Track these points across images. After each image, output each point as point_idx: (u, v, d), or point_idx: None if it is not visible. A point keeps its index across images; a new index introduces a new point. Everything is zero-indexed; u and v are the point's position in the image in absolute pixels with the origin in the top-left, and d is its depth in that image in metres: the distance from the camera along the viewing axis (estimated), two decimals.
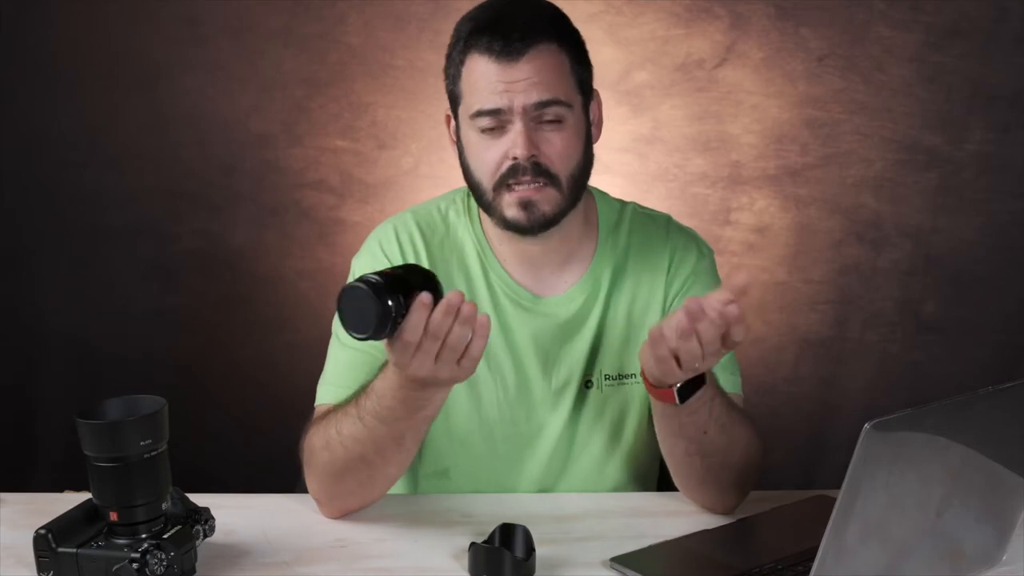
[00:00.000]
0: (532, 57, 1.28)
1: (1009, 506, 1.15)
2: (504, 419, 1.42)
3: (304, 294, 2.57)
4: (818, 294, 2.58)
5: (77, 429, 1.08)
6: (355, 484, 1.30)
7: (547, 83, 1.29)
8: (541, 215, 1.32)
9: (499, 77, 1.28)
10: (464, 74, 1.32)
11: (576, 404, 1.42)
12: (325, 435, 1.28)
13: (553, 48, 1.30)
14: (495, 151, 1.30)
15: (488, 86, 1.29)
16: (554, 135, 1.30)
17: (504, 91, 1.28)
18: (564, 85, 1.31)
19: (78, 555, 1.09)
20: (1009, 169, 2.51)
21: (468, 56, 1.31)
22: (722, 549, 1.26)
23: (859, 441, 0.92)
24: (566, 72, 1.32)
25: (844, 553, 0.97)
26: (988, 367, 2.54)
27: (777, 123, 2.51)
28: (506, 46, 1.28)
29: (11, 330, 2.57)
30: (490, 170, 1.31)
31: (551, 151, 1.30)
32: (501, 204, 1.32)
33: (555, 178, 1.31)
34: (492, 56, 1.28)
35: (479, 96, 1.30)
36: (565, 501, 1.41)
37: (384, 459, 1.27)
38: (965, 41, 2.44)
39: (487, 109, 1.29)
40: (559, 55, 1.31)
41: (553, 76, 1.30)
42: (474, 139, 1.32)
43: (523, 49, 1.28)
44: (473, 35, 1.30)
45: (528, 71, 1.28)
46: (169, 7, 2.46)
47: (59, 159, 2.52)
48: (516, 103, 1.28)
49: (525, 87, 1.28)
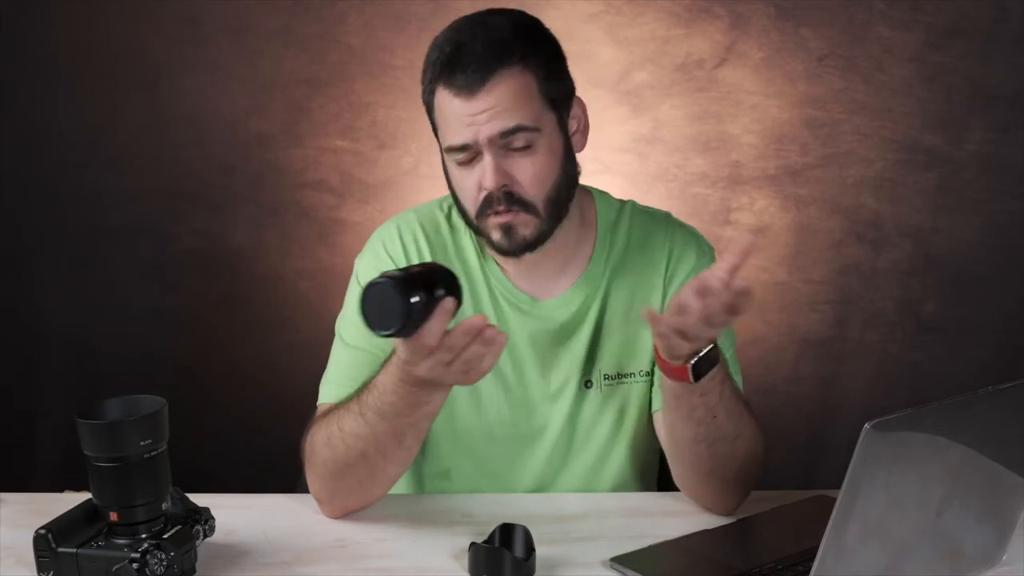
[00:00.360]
0: (492, 86, 1.27)
1: (1009, 506, 1.15)
2: (504, 420, 1.42)
3: (304, 294, 2.57)
4: (818, 294, 2.58)
5: (77, 429, 1.08)
6: (355, 483, 1.30)
7: (510, 111, 1.28)
8: (522, 239, 1.32)
9: (462, 111, 1.28)
10: (435, 107, 1.33)
11: (575, 404, 1.42)
12: (327, 432, 1.28)
13: (515, 71, 1.28)
14: (470, 181, 1.32)
15: (454, 121, 1.30)
16: (525, 160, 1.30)
17: (468, 124, 1.28)
18: (530, 108, 1.29)
19: (78, 555, 1.09)
20: (1009, 169, 2.51)
21: (436, 89, 1.32)
22: (722, 549, 1.26)
23: (859, 441, 0.92)
24: (532, 94, 1.30)
25: (844, 553, 0.97)
26: (988, 367, 2.54)
27: (777, 123, 2.51)
28: (465, 80, 1.28)
29: (11, 330, 2.57)
30: (470, 199, 1.33)
31: (523, 177, 1.30)
32: (487, 229, 1.33)
33: (529, 205, 1.31)
34: (453, 91, 1.29)
35: (448, 131, 1.31)
36: (565, 501, 1.41)
37: (385, 457, 1.27)
38: (965, 41, 2.44)
39: (456, 145, 1.30)
40: (523, 76, 1.29)
41: (516, 102, 1.28)
42: (452, 170, 1.34)
43: (482, 80, 1.27)
44: (437, 68, 1.31)
45: (489, 101, 1.27)
46: (169, 7, 2.46)
47: (59, 159, 2.52)
48: (481, 135, 1.28)
49: (488, 118, 1.28)
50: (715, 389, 1.23)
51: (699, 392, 1.23)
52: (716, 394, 1.24)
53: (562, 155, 1.34)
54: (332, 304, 1.44)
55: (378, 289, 1.09)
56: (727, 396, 1.25)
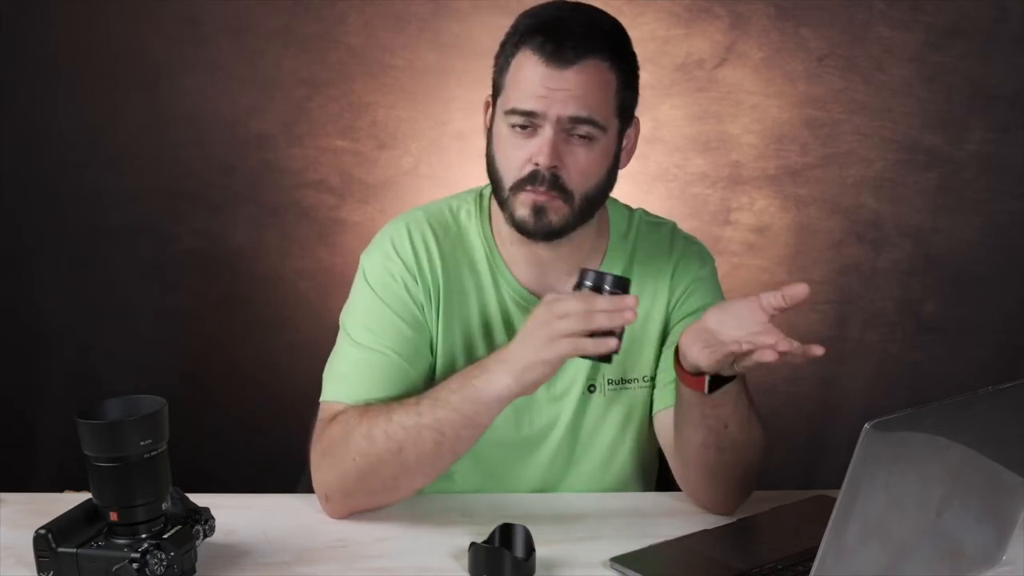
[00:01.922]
0: (580, 69, 1.27)
1: (1009, 506, 1.15)
2: (507, 422, 1.41)
3: (304, 294, 2.57)
4: (818, 294, 2.58)
5: (77, 429, 1.08)
6: (378, 483, 1.30)
7: (587, 100, 1.28)
8: (548, 223, 1.31)
9: (542, 81, 1.27)
10: (512, 67, 1.31)
11: (579, 408, 1.42)
12: (370, 423, 1.27)
13: (604, 66, 1.29)
14: (522, 151, 1.30)
15: (530, 87, 1.28)
16: (581, 150, 1.30)
17: (544, 96, 1.27)
18: (604, 106, 1.30)
19: (78, 555, 1.09)
20: (1009, 169, 2.51)
21: (519, 51, 1.30)
22: (722, 549, 1.26)
23: (859, 441, 0.92)
24: (610, 92, 1.30)
25: (844, 553, 0.97)
26: (988, 367, 2.54)
27: (777, 123, 2.51)
28: (557, 51, 1.27)
29: (11, 330, 2.57)
30: (513, 168, 1.31)
31: (574, 166, 1.30)
32: (515, 202, 1.31)
33: (569, 194, 1.30)
34: (541, 58, 1.27)
35: (518, 94, 1.29)
36: (565, 501, 1.41)
37: (418, 458, 1.26)
38: (965, 41, 2.44)
39: (522, 109, 1.28)
40: (608, 74, 1.29)
41: (595, 94, 1.29)
42: (505, 133, 1.31)
43: (573, 59, 1.27)
44: (529, 32, 1.29)
45: (572, 82, 1.27)
46: (169, 7, 2.46)
47: (59, 159, 2.52)
48: (552, 111, 1.27)
49: (564, 98, 1.27)
50: (730, 402, 1.24)
51: (712, 403, 1.23)
52: (730, 406, 1.24)
53: (611, 161, 1.34)
54: (332, 304, 1.44)
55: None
56: (741, 408, 1.26)
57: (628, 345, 1.41)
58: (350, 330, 1.38)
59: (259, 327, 2.60)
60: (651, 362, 1.42)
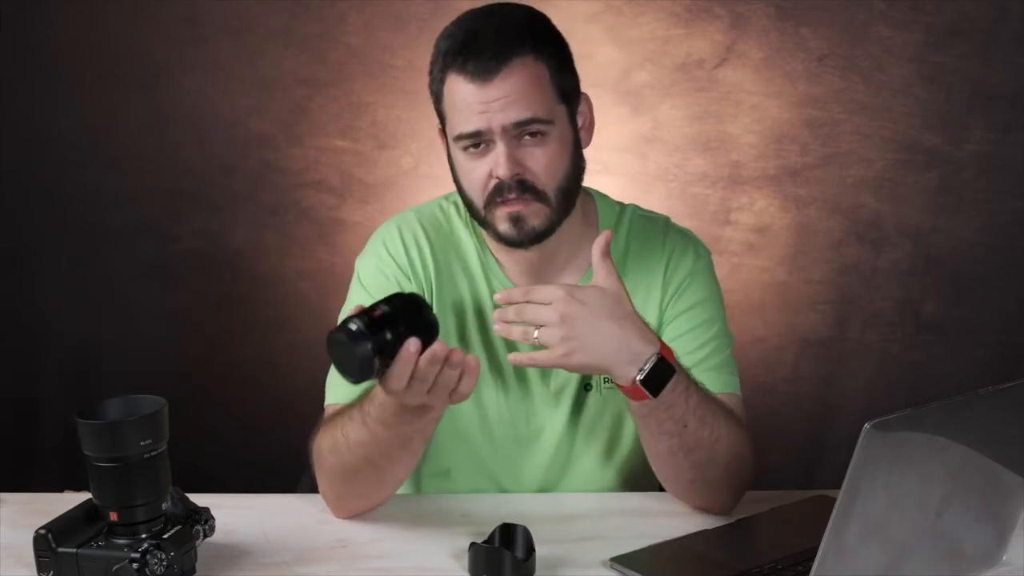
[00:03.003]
0: (507, 74, 1.27)
1: (1009, 506, 1.15)
2: (504, 420, 1.42)
3: (304, 294, 2.57)
4: (818, 294, 2.58)
5: (77, 429, 1.08)
6: (363, 487, 1.30)
7: (525, 101, 1.27)
8: (531, 229, 1.31)
9: (475, 98, 1.27)
10: (445, 95, 1.31)
11: (575, 406, 1.42)
12: (332, 439, 1.28)
13: (529, 61, 1.28)
14: (481, 170, 1.30)
15: (466, 108, 1.28)
16: (537, 150, 1.29)
17: (482, 112, 1.27)
18: (543, 100, 1.29)
19: (78, 555, 1.09)
20: (1009, 169, 2.51)
21: (447, 76, 1.30)
22: (722, 549, 1.26)
23: (859, 441, 0.92)
24: (545, 84, 1.30)
25: (844, 553, 0.97)
26: (988, 367, 2.54)
27: (777, 123, 2.51)
28: (479, 66, 1.26)
29: (11, 330, 2.57)
30: (479, 188, 1.31)
31: (536, 166, 1.29)
32: (494, 219, 1.32)
33: (541, 194, 1.30)
34: (467, 77, 1.27)
35: (459, 119, 1.29)
36: (565, 501, 1.41)
37: (391, 461, 1.27)
38: (965, 41, 2.44)
39: (467, 132, 1.29)
40: (536, 67, 1.29)
41: (531, 91, 1.28)
42: (461, 159, 1.32)
43: (497, 67, 1.26)
44: (449, 55, 1.29)
45: (504, 89, 1.26)
46: (169, 7, 2.46)
47: (59, 159, 2.52)
48: (494, 124, 1.27)
49: (502, 106, 1.27)
50: (679, 400, 1.23)
51: (664, 407, 1.23)
52: (682, 404, 1.24)
53: (572, 148, 1.34)
54: (332, 304, 1.44)
55: (336, 341, 1.09)
56: (695, 403, 1.25)
57: None
58: None
59: (259, 327, 2.60)
60: None
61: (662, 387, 1.21)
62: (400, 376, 1.10)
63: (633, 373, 1.20)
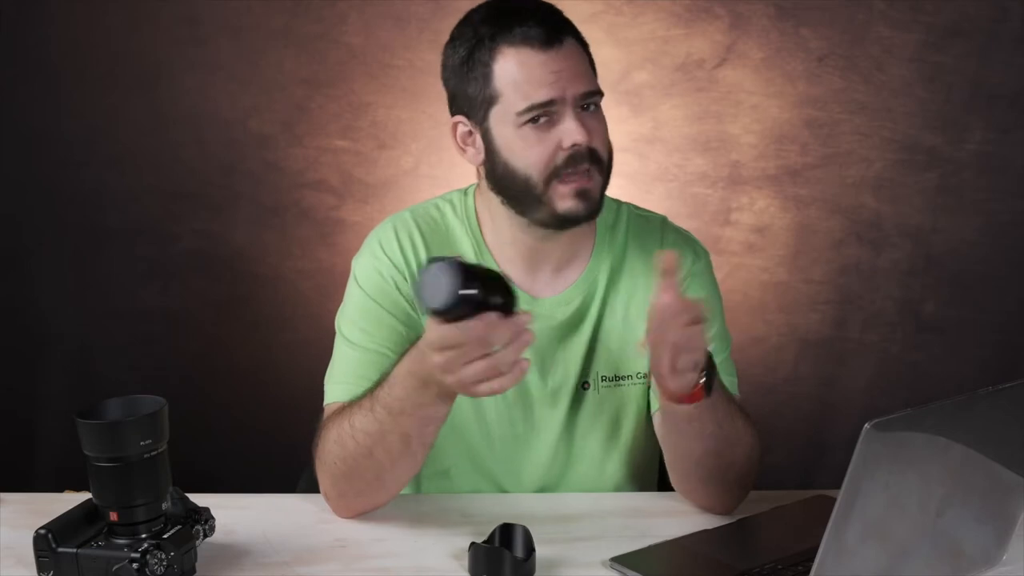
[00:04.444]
0: (569, 45, 1.29)
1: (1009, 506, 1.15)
2: (502, 419, 1.42)
3: (304, 294, 2.57)
4: (818, 294, 2.58)
5: (77, 429, 1.08)
6: (364, 484, 1.30)
7: (587, 72, 1.31)
8: (594, 201, 1.32)
9: (546, 67, 1.27)
10: (498, 72, 1.29)
11: (573, 405, 1.42)
12: (338, 428, 1.28)
13: (575, 39, 1.32)
14: (548, 143, 1.28)
15: (535, 78, 1.27)
16: (595, 121, 1.32)
17: (554, 81, 1.27)
18: (594, 76, 1.33)
19: (78, 555, 1.09)
20: (1009, 169, 2.51)
21: (500, 52, 1.28)
22: (722, 549, 1.26)
23: (859, 441, 0.92)
24: (589, 63, 1.34)
25: (844, 553, 0.97)
26: (988, 367, 2.54)
27: (777, 123, 2.51)
28: (545, 33, 1.27)
29: (11, 330, 2.57)
30: (543, 162, 1.29)
31: (598, 137, 1.31)
32: (554, 197, 1.30)
33: (602, 164, 1.32)
34: (533, 45, 1.27)
35: (528, 89, 1.27)
36: (565, 501, 1.41)
37: (391, 459, 1.26)
38: (965, 41, 2.44)
39: (540, 102, 1.27)
40: (580, 46, 1.33)
41: (587, 66, 1.32)
42: (524, 134, 1.29)
43: (559, 37, 1.28)
44: (501, 31, 1.28)
45: (572, 59, 1.29)
46: (169, 7, 2.46)
47: (59, 159, 2.52)
48: (568, 93, 1.28)
49: (571, 76, 1.28)
50: (721, 401, 1.24)
51: (710, 405, 1.23)
52: (723, 404, 1.24)
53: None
54: (332, 304, 1.44)
55: (440, 266, 1.08)
56: (725, 402, 1.26)
57: (622, 342, 1.41)
58: (345, 332, 1.39)
59: (259, 327, 2.60)
60: (645, 359, 1.41)
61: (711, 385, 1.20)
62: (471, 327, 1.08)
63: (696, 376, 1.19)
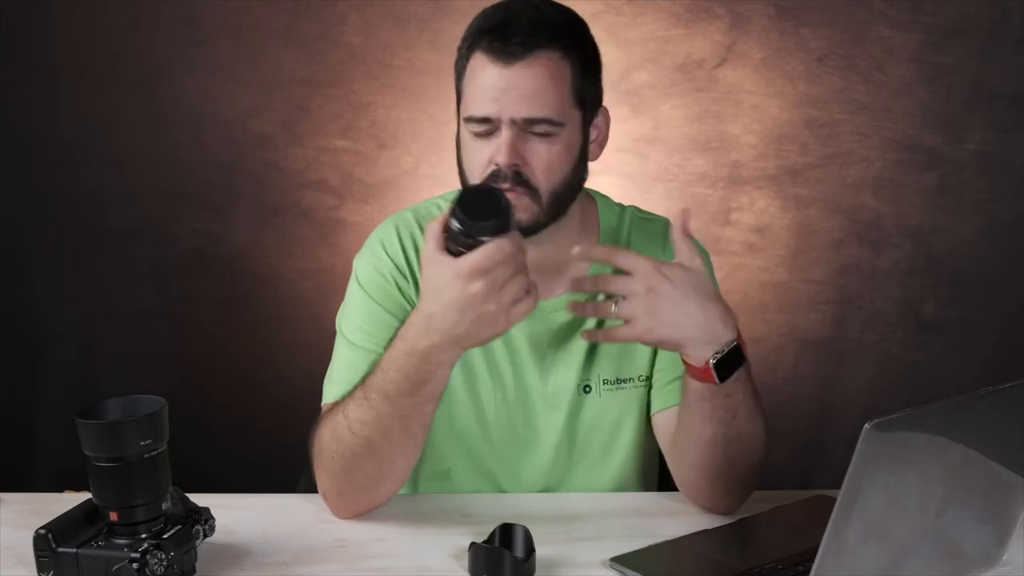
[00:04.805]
0: (531, 62, 1.27)
1: (1009, 506, 1.15)
2: (502, 421, 1.42)
3: (304, 294, 2.57)
4: (818, 294, 2.58)
5: (77, 429, 1.08)
6: (364, 478, 1.29)
7: (540, 98, 1.27)
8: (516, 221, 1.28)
9: (493, 82, 1.27)
10: (467, 73, 1.31)
11: (574, 408, 1.42)
12: (333, 424, 1.28)
13: (555, 57, 1.28)
14: (482, 154, 1.30)
15: (482, 91, 1.28)
16: (541, 147, 1.29)
17: (495, 99, 1.27)
18: (559, 100, 1.28)
19: (78, 555, 1.09)
20: (1009, 169, 2.51)
21: (472, 55, 1.30)
22: (722, 549, 1.26)
23: (859, 441, 0.92)
24: (564, 85, 1.29)
25: (844, 553, 0.97)
26: (988, 367, 2.54)
27: (777, 123, 2.51)
28: (504, 49, 1.27)
29: (11, 330, 2.57)
30: (477, 170, 1.31)
31: (537, 162, 1.29)
32: None
33: (535, 191, 1.29)
34: (490, 57, 1.28)
35: (473, 101, 1.29)
36: (565, 501, 1.41)
37: (391, 445, 1.26)
38: (965, 41, 2.44)
39: (476, 116, 1.29)
40: (560, 66, 1.28)
41: (548, 89, 1.27)
42: (466, 138, 1.32)
43: (522, 54, 1.26)
44: (479, 34, 1.30)
45: (522, 80, 1.26)
46: (169, 7, 2.46)
47: (59, 159, 2.52)
48: (504, 113, 1.27)
49: (516, 98, 1.27)
50: (739, 390, 1.24)
51: (724, 393, 1.23)
52: (739, 395, 1.24)
53: (577, 155, 1.33)
54: (332, 304, 1.44)
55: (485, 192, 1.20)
56: (749, 397, 1.26)
57: (622, 346, 1.41)
58: (346, 332, 1.38)
59: (259, 327, 2.60)
60: (647, 362, 1.42)
61: (731, 374, 1.21)
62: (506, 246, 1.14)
63: (708, 354, 1.20)
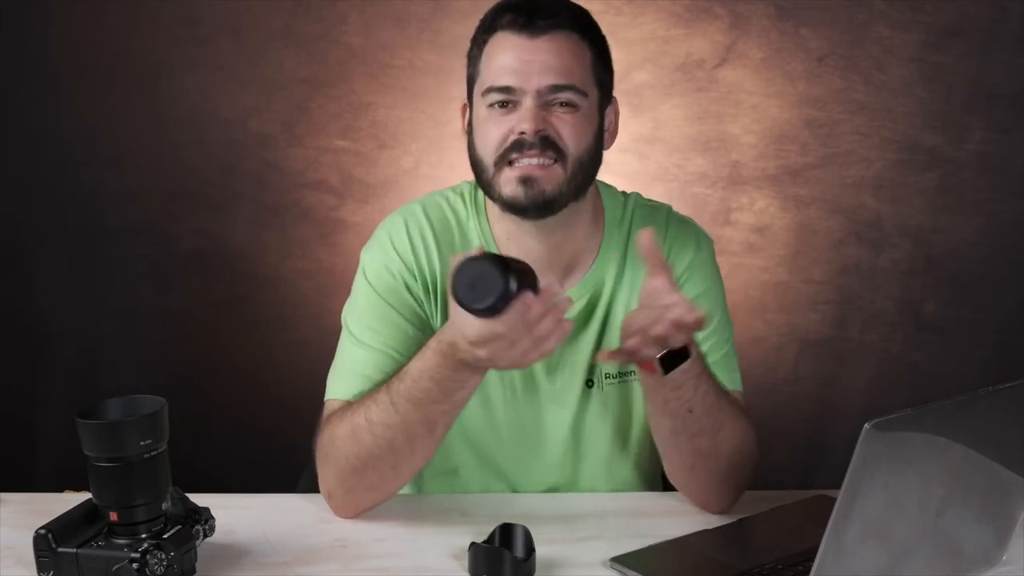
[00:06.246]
0: (554, 37, 1.28)
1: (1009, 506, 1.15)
2: (510, 419, 1.42)
3: (304, 294, 2.57)
4: (818, 294, 2.58)
5: (77, 429, 1.08)
6: (376, 477, 1.29)
7: (564, 67, 1.28)
8: (540, 192, 1.29)
9: (517, 53, 1.28)
10: (485, 53, 1.32)
11: (581, 404, 1.42)
12: (351, 425, 1.27)
13: (575, 38, 1.30)
14: (502, 126, 1.29)
15: (505, 62, 1.28)
16: (566, 116, 1.29)
17: (519, 70, 1.27)
18: (581, 74, 1.30)
19: (78, 555, 1.09)
20: (1009, 169, 2.51)
21: (492, 35, 1.31)
22: (722, 549, 1.26)
23: (859, 441, 0.92)
24: (586, 63, 1.31)
25: (844, 553, 0.97)
26: (988, 367, 2.54)
27: (777, 123, 2.51)
28: (529, 22, 1.28)
29: (11, 330, 2.57)
30: (494, 144, 1.29)
31: (563, 129, 1.29)
32: (500, 181, 1.30)
33: (563, 154, 1.29)
34: (514, 30, 1.28)
35: (494, 72, 1.29)
36: (565, 501, 1.41)
37: (412, 447, 1.26)
38: (965, 41, 2.44)
39: (499, 85, 1.28)
40: (581, 43, 1.31)
41: (572, 62, 1.29)
42: (483, 115, 1.31)
43: (546, 28, 1.28)
44: (499, 14, 1.31)
45: (547, 50, 1.28)
46: (169, 7, 2.46)
47: (59, 159, 2.52)
48: (530, 84, 1.27)
49: (541, 68, 1.27)
50: (688, 384, 1.23)
51: (671, 386, 1.23)
52: (690, 388, 1.24)
53: (596, 131, 1.34)
54: (332, 304, 1.44)
55: (478, 264, 1.08)
56: (703, 391, 1.25)
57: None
58: (353, 328, 1.38)
59: (259, 327, 2.60)
60: None
61: (674, 367, 1.21)
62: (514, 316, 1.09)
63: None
